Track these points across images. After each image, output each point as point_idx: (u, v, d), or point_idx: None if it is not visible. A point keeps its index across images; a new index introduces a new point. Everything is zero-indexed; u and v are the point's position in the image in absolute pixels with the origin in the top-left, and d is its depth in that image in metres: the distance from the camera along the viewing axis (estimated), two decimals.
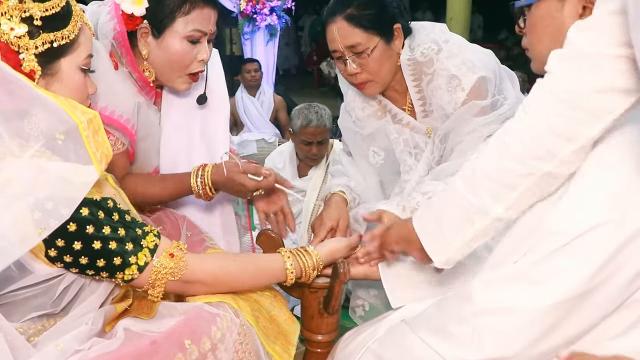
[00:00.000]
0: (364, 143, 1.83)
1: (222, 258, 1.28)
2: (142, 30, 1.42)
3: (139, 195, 1.47)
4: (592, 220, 0.87)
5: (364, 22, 1.55)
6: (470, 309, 1.00)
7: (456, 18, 7.14)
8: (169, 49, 1.43)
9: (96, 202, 1.04)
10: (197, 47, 1.46)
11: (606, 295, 0.90)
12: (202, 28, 1.44)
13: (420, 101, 1.68)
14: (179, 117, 1.64)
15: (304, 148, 3.00)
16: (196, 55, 1.47)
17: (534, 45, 1.07)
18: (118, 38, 1.41)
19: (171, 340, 1.06)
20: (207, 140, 1.67)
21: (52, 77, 1.08)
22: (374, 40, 1.57)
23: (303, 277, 1.32)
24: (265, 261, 1.32)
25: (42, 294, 1.05)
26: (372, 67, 1.60)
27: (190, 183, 1.49)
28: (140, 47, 1.44)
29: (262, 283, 1.32)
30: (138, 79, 1.49)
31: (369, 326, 1.29)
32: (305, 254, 1.32)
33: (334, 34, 1.58)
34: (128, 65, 1.47)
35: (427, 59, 1.60)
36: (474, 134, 1.54)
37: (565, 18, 1.00)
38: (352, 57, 1.59)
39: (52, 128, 0.96)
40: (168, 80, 1.50)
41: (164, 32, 1.42)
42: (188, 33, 1.43)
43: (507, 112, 1.55)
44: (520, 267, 0.95)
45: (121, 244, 1.06)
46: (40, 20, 1.02)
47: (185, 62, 1.46)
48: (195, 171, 1.50)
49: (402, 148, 1.72)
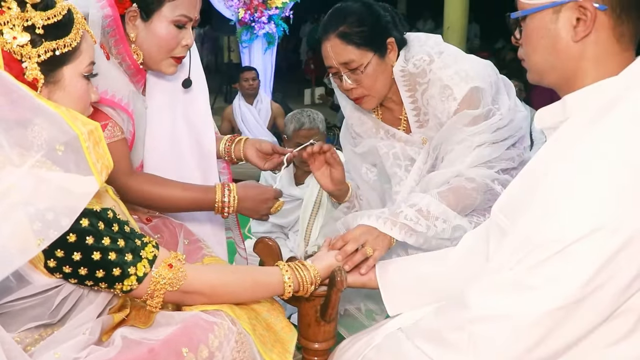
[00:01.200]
0: (357, 160, 1.86)
1: (221, 270, 1.28)
2: (131, 14, 1.45)
3: (156, 196, 1.50)
4: (586, 226, 0.88)
5: (356, 39, 1.57)
6: (466, 316, 1.00)
7: (453, 27, 7.19)
8: (156, 33, 1.46)
9: (96, 213, 1.04)
10: (182, 32, 1.49)
11: (601, 302, 0.90)
12: (189, 14, 1.48)
13: (415, 111, 1.70)
14: (163, 101, 1.67)
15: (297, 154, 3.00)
16: (181, 40, 1.50)
17: (530, 56, 1.08)
18: (112, 25, 1.43)
19: (169, 348, 1.06)
20: (191, 124, 1.70)
21: (55, 85, 1.08)
22: (367, 56, 1.59)
23: (300, 292, 1.32)
24: (263, 274, 1.32)
25: (40, 304, 1.05)
26: (367, 82, 1.62)
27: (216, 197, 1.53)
28: (129, 30, 1.47)
29: (259, 296, 1.32)
30: (127, 67, 1.51)
31: (366, 334, 1.29)
32: (303, 269, 1.32)
33: (328, 52, 1.61)
34: (119, 54, 1.48)
35: (420, 70, 1.62)
36: (463, 143, 1.55)
37: (559, 30, 1.01)
38: (347, 73, 1.61)
39: (53, 138, 0.96)
40: (154, 63, 1.53)
41: (152, 16, 1.45)
42: (175, 18, 1.46)
43: (499, 122, 1.56)
44: (516, 273, 0.95)
45: (120, 254, 1.06)
46: (42, 29, 1.02)
47: (170, 46, 1.49)
48: (221, 188, 1.54)
49: (392, 162, 1.74)
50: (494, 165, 1.58)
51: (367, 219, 1.48)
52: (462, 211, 1.52)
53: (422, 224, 1.45)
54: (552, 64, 1.04)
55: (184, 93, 1.68)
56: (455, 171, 1.53)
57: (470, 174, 1.53)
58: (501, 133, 1.58)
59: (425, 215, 1.46)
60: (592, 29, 0.99)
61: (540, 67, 1.07)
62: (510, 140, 1.62)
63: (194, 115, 1.71)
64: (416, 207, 1.48)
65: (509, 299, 0.95)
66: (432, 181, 1.56)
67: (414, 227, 1.45)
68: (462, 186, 1.52)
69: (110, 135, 1.44)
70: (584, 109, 1.00)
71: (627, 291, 0.90)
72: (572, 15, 0.99)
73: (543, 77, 1.08)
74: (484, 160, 1.55)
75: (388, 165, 1.74)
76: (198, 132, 1.70)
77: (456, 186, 1.52)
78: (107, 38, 1.46)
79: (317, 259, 1.38)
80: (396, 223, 1.46)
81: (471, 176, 1.53)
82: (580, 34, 0.99)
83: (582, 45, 1.00)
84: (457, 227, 1.48)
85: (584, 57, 1.01)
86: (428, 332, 1.08)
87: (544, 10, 1.02)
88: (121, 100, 1.45)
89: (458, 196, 1.51)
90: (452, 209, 1.49)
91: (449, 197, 1.50)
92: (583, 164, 0.91)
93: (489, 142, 1.56)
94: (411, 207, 1.48)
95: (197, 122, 1.71)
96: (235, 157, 1.76)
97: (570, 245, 0.88)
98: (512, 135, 1.62)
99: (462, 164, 1.53)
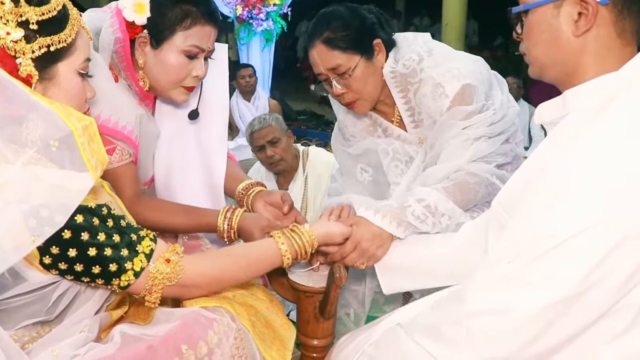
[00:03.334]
0: (351, 161, 1.84)
1: (217, 257, 1.25)
2: (141, 40, 1.42)
3: (159, 222, 1.47)
4: (585, 221, 0.87)
5: (341, 43, 1.56)
6: (464, 311, 1.00)
7: (451, 24, 7.18)
8: (165, 61, 1.43)
9: (91, 210, 1.03)
10: (193, 62, 1.45)
11: (599, 297, 0.90)
12: (201, 44, 1.44)
13: (409, 112, 1.68)
14: (173, 128, 1.64)
15: (261, 157, 3.01)
16: (191, 71, 1.46)
17: (531, 51, 1.08)
18: (120, 52, 1.40)
19: (168, 345, 1.06)
20: (203, 151, 1.67)
21: (50, 81, 1.07)
22: (354, 60, 1.58)
23: (299, 258, 1.31)
24: (259, 249, 1.30)
25: (37, 301, 1.04)
26: (357, 85, 1.61)
27: (217, 222, 1.48)
28: (137, 56, 1.44)
29: (260, 272, 1.32)
30: (137, 92, 1.49)
31: (364, 330, 1.29)
32: (298, 233, 1.31)
33: (315, 58, 1.60)
34: (127, 78, 1.46)
35: (410, 69, 1.61)
36: (458, 137, 1.54)
37: (561, 24, 1.01)
38: (335, 78, 1.60)
39: (47, 135, 0.95)
40: (162, 91, 1.50)
41: (163, 44, 1.42)
42: (186, 48, 1.42)
43: (493, 117, 1.56)
44: (514, 268, 0.95)
45: (116, 250, 1.05)
46: (36, 25, 1.01)
47: (180, 76, 1.46)
48: (224, 212, 1.50)
49: (391, 156, 1.72)
50: (491, 160, 1.57)
51: (372, 215, 1.44)
52: (465, 206, 1.51)
53: (429, 223, 1.43)
54: (553, 59, 1.04)
55: (196, 121, 1.64)
56: (456, 166, 1.52)
57: (470, 168, 1.52)
58: (496, 127, 1.57)
59: (433, 212, 1.44)
60: (594, 24, 0.98)
61: (541, 61, 1.07)
62: (504, 135, 1.61)
63: (208, 142, 1.67)
64: (424, 202, 1.45)
65: (506, 294, 0.95)
66: (432, 176, 1.54)
67: (419, 227, 1.44)
68: (466, 180, 1.50)
69: (119, 159, 1.44)
70: (584, 104, 1.00)
71: (625, 287, 0.90)
72: (574, 10, 0.99)
73: (544, 72, 1.08)
74: (481, 155, 1.54)
75: (387, 161, 1.72)
76: (210, 160, 1.66)
77: (461, 181, 1.50)
78: (116, 62, 1.43)
79: (315, 225, 1.37)
80: (402, 222, 1.43)
81: (472, 171, 1.51)
82: (582, 29, 0.99)
83: (583, 40, 1.00)
84: (460, 224, 1.47)
85: (584, 51, 1.00)
86: (426, 327, 1.08)
87: (545, 4, 1.01)
88: (124, 127, 1.43)
89: (463, 191, 1.50)
90: (457, 205, 1.48)
91: (455, 192, 1.48)
92: (582, 159, 0.91)
93: (485, 137, 1.55)
94: (419, 202, 1.45)
95: (210, 149, 1.67)
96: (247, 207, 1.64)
97: (568, 240, 0.88)
98: (506, 130, 1.61)
99: (462, 157, 1.52)
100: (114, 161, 1.43)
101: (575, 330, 0.94)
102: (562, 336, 0.94)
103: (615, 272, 0.88)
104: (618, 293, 0.91)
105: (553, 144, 1.04)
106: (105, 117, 1.39)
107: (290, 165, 3.04)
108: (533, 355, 0.96)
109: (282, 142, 2.98)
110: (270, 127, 2.96)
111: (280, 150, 2.97)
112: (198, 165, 1.66)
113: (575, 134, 0.96)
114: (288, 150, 3.01)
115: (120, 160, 1.44)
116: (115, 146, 1.43)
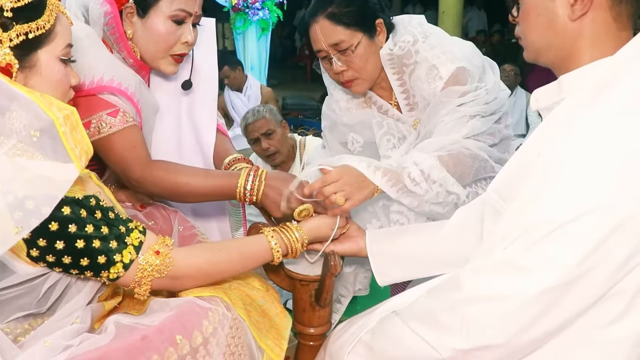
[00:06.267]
0: (344, 129, 1.81)
1: (208, 250, 1.25)
2: (128, 10, 1.40)
3: (178, 184, 1.41)
4: (581, 207, 0.87)
5: (345, 19, 1.55)
6: (459, 297, 1.00)
7: (448, 12, 7.13)
8: (153, 29, 1.41)
9: (78, 201, 1.02)
10: (181, 28, 1.44)
11: (594, 282, 0.90)
12: (187, 8, 1.42)
13: (404, 94, 1.68)
14: (166, 100, 1.62)
15: (257, 149, 3.01)
16: (180, 37, 1.45)
17: (527, 34, 1.07)
18: (111, 23, 1.39)
19: (162, 335, 1.05)
20: (193, 122, 1.66)
21: (31, 70, 1.04)
22: (357, 37, 1.57)
23: (290, 254, 1.31)
24: (249, 245, 1.30)
25: (26, 293, 1.03)
26: (357, 63, 1.59)
27: (238, 182, 1.41)
28: (125, 27, 1.42)
29: (250, 267, 1.30)
30: (133, 63, 1.47)
31: (360, 318, 1.29)
32: (288, 231, 1.31)
33: (317, 34, 1.58)
34: (121, 50, 1.44)
35: (405, 51, 1.60)
36: (454, 114, 1.53)
37: (557, 8, 0.99)
38: (336, 55, 1.59)
39: (28, 125, 0.93)
40: (152, 61, 1.48)
41: (149, 11, 1.40)
42: (172, 12, 1.41)
43: (486, 96, 1.55)
44: (509, 254, 0.94)
45: (105, 242, 1.04)
46: (10, 12, 0.98)
47: (169, 43, 1.44)
48: (245, 175, 1.43)
49: (385, 130, 1.70)
50: (481, 140, 1.57)
51: (365, 168, 1.40)
52: (457, 178, 1.51)
53: (423, 187, 1.43)
54: (548, 42, 1.03)
55: (188, 93, 1.63)
56: (453, 140, 1.51)
57: (466, 143, 1.52)
58: (490, 106, 1.58)
59: (426, 177, 1.44)
60: (590, 8, 0.97)
61: (537, 45, 1.05)
62: (496, 116, 1.62)
63: (199, 113, 1.65)
64: (420, 166, 1.44)
65: (502, 280, 0.95)
66: (428, 148, 1.52)
67: (413, 189, 1.42)
68: (461, 152, 1.50)
69: (122, 121, 1.38)
70: (580, 89, 0.99)
71: (620, 272, 0.90)
72: None
73: (539, 56, 1.07)
74: (477, 132, 1.55)
75: (380, 134, 1.70)
76: (200, 132, 1.65)
77: (456, 153, 1.50)
78: (108, 35, 1.42)
79: (304, 221, 1.37)
80: (398, 183, 1.42)
81: (467, 146, 1.52)
82: (578, 13, 0.98)
83: (579, 24, 0.99)
84: (451, 192, 1.47)
85: (580, 36, 0.99)
86: (422, 314, 1.08)
87: None
88: (127, 89, 1.40)
89: (456, 163, 1.49)
90: (451, 175, 1.47)
91: (449, 163, 1.48)
92: (578, 144, 0.90)
93: (480, 115, 1.55)
94: (416, 165, 1.44)
95: (200, 121, 1.65)
96: None
97: (564, 225, 0.88)
98: (497, 110, 1.62)
99: (458, 134, 1.52)
100: (119, 123, 1.37)
101: (571, 316, 0.94)
102: (558, 321, 0.94)
103: (611, 257, 0.88)
104: (613, 278, 0.90)
105: (549, 129, 1.03)
106: (108, 78, 1.36)
107: (287, 155, 3.04)
108: (529, 341, 0.96)
109: (277, 134, 2.97)
110: (264, 119, 2.95)
111: (276, 141, 2.97)
112: (189, 136, 1.65)
113: (571, 120, 0.95)
114: (283, 141, 3.00)
115: (125, 122, 1.38)
116: (118, 109, 1.38)
